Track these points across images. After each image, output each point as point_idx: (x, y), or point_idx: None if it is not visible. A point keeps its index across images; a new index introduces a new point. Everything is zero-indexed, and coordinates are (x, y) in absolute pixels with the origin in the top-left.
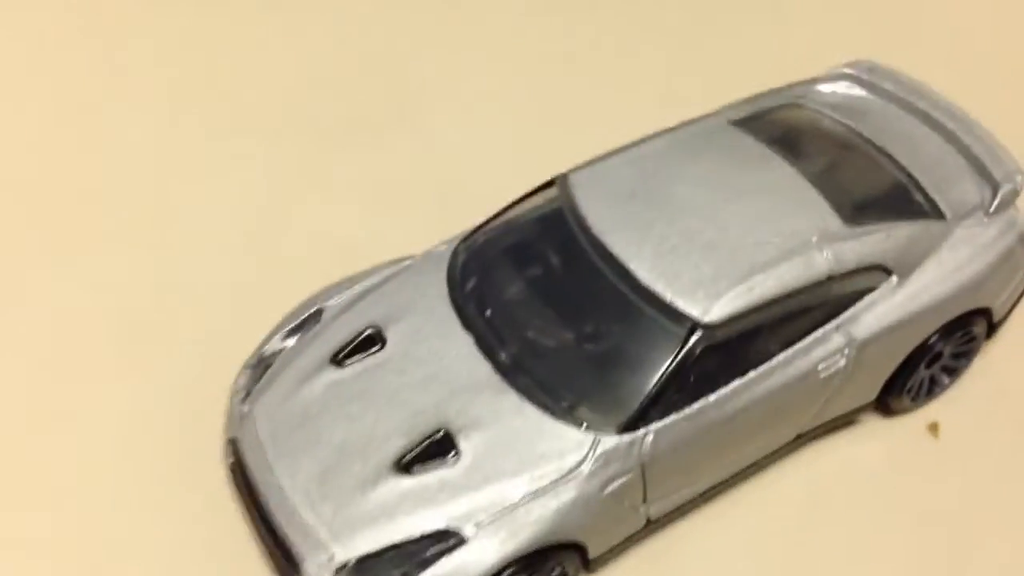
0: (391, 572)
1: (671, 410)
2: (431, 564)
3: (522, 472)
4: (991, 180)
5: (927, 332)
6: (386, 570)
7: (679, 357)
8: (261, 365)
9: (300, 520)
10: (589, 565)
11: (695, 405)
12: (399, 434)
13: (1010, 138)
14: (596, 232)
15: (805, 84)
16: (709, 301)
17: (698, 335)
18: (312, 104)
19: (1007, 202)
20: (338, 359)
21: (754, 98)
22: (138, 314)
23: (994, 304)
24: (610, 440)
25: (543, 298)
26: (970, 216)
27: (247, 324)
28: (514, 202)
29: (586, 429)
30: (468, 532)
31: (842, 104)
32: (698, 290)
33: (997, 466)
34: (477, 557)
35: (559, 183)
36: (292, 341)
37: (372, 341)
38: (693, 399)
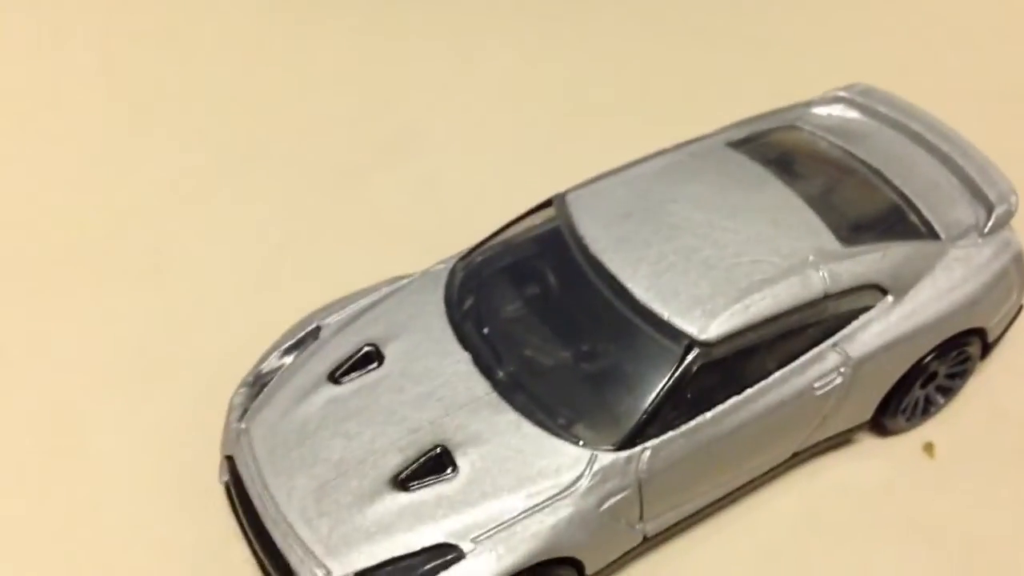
0: None
1: (668, 427)
2: None
3: (519, 488)
4: (985, 201)
5: (922, 352)
6: None
7: (676, 375)
8: (258, 383)
9: (297, 537)
10: None
11: (692, 422)
12: (396, 450)
13: (1004, 159)
14: (593, 251)
15: (801, 107)
16: (706, 319)
17: (695, 353)
18: (313, 137)
19: (1001, 223)
20: (336, 376)
21: (751, 120)
22: (139, 334)
23: (989, 324)
24: (607, 457)
25: (540, 316)
26: (965, 237)
27: (246, 343)
28: (512, 221)
29: (583, 446)
30: (466, 547)
31: (838, 126)
32: (695, 308)
33: (992, 486)
34: (474, 572)
35: (556, 203)
36: (290, 359)
37: (370, 358)
38: (690, 416)
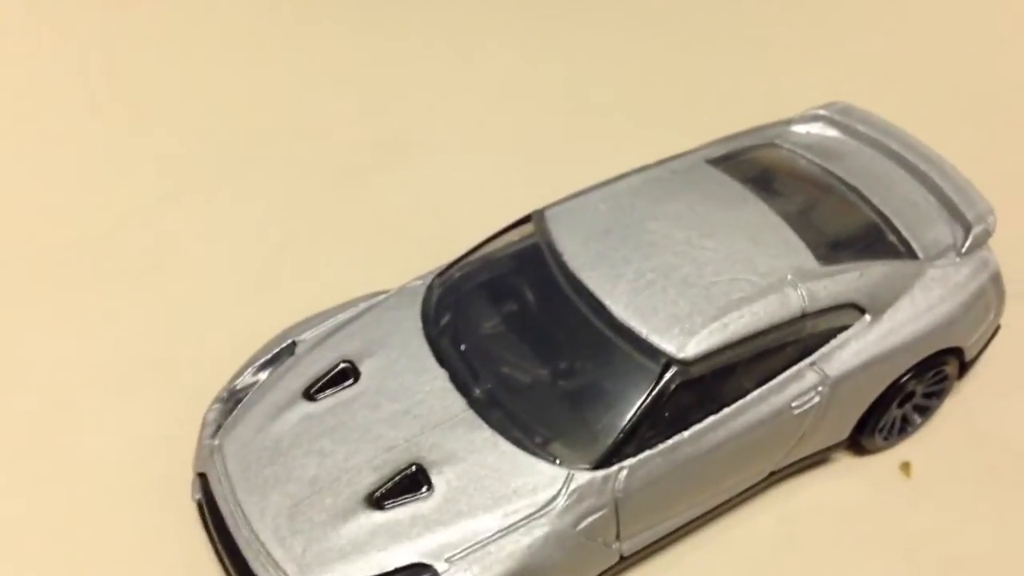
0: None
1: (645, 446)
2: None
3: (495, 507)
4: (963, 221)
5: (900, 371)
6: None
7: (654, 393)
8: (232, 399)
9: (269, 556)
10: None
11: (669, 441)
12: (371, 469)
13: (982, 179)
14: (572, 268)
15: (780, 125)
16: (684, 337)
17: (673, 371)
18: (312, 138)
19: (979, 242)
20: (311, 393)
21: (731, 137)
22: (116, 349)
23: (966, 344)
24: (584, 476)
25: (518, 333)
26: (943, 256)
27: (224, 357)
28: (490, 237)
29: (560, 464)
30: (440, 567)
31: (817, 145)
32: (673, 326)
33: (969, 505)
34: None
35: (535, 219)
36: (264, 375)
37: (345, 375)
38: (668, 435)
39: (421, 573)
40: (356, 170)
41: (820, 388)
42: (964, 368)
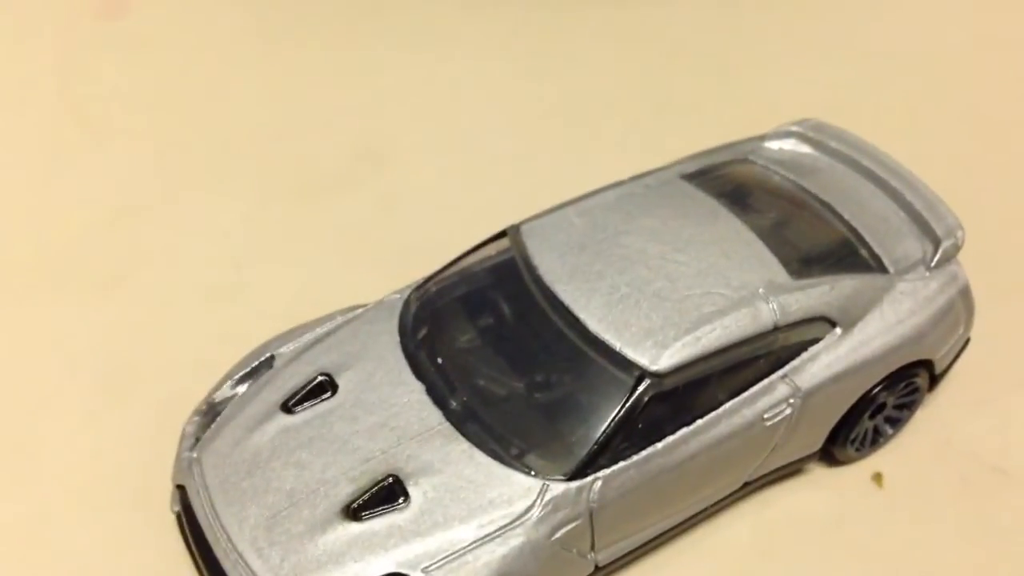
0: None
1: (619, 457)
2: None
3: (471, 518)
4: (932, 236)
5: (870, 383)
6: None
7: (627, 405)
8: (211, 412)
9: (247, 567)
10: None
11: (643, 452)
12: (348, 480)
13: (951, 195)
14: (547, 282)
15: (754, 141)
16: (657, 350)
17: (646, 384)
18: (278, 156)
19: (948, 257)
20: (289, 406)
21: (705, 153)
22: (94, 361)
23: (935, 356)
24: (559, 487)
25: (494, 347)
26: (912, 270)
27: (203, 371)
28: (466, 252)
29: (535, 476)
30: None
31: (789, 161)
32: (647, 339)
33: (940, 515)
34: None
35: (511, 234)
36: (243, 388)
37: (323, 388)
38: (641, 447)
39: None
40: (331, 183)
41: (792, 400)
42: (934, 380)
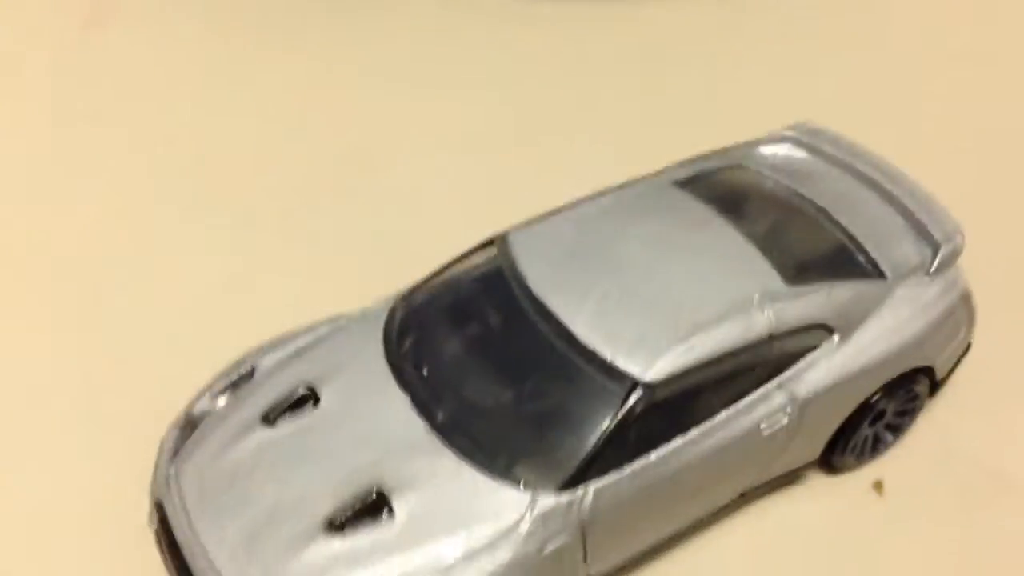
0: None
1: (611, 469)
2: None
3: (457, 532)
4: (931, 240)
5: (869, 390)
6: None
7: (619, 416)
8: (190, 425)
9: None
10: None
11: (636, 464)
12: (331, 494)
13: (950, 199)
14: (536, 291)
15: (747, 146)
16: (649, 360)
17: (638, 394)
18: (258, 169)
19: (947, 262)
20: (270, 418)
21: (697, 159)
22: (72, 375)
23: (936, 362)
24: (549, 499)
25: (481, 357)
26: (912, 276)
27: (184, 383)
28: (452, 261)
29: (524, 488)
30: None
31: (784, 166)
32: (638, 349)
33: (941, 523)
34: None
35: (498, 242)
36: (223, 400)
37: (305, 400)
38: (634, 458)
39: None
40: (316, 192)
41: (789, 409)
42: (935, 387)
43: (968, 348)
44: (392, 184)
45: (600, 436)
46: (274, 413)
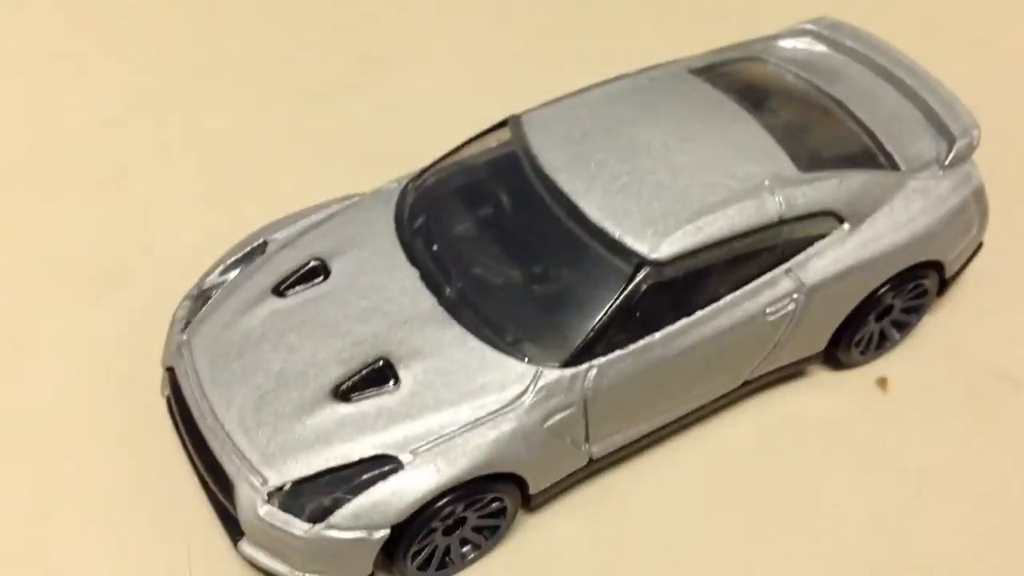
0: (325, 496)
1: (615, 346)
2: (366, 488)
3: (462, 402)
4: (948, 134)
5: (877, 282)
6: (321, 494)
7: (625, 293)
8: (202, 296)
9: (234, 446)
10: (530, 501)
11: (640, 342)
12: (338, 363)
13: (968, 95)
14: (547, 170)
15: (766, 40)
16: (657, 239)
17: (645, 272)
18: (274, 57)
19: (962, 156)
20: (280, 290)
21: (715, 52)
22: (84, 253)
23: (946, 258)
24: (552, 373)
25: (491, 235)
26: (925, 169)
27: (194, 257)
28: (466, 142)
29: (529, 362)
30: (405, 459)
31: (802, 60)
32: (647, 228)
33: (946, 422)
34: (413, 483)
35: (512, 123)
36: (235, 273)
37: (316, 273)
38: (638, 337)
39: (385, 464)
40: (328, 88)
41: (795, 295)
42: (944, 284)
43: (979, 247)
44: (405, 80)
45: (605, 313)
46: (285, 285)
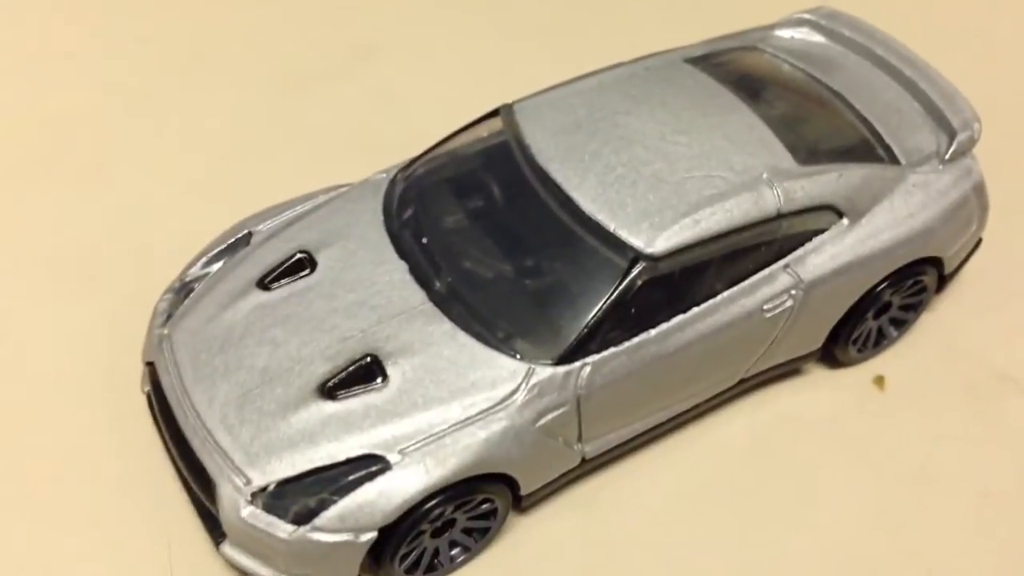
0: (311, 497)
1: (610, 343)
2: (352, 489)
3: (452, 400)
4: (948, 127)
5: (876, 278)
6: (306, 495)
7: (620, 288)
8: (184, 289)
9: (216, 444)
10: (521, 502)
11: (635, 339)
12: (325, 359)
13: (967, 86)
14: (540, 160)
15: (764, 29)
16: (653, 232)
17: (641, 266)
18: (265, 44)
19: (963, 150)
20: (265, 282)
21: (711, 41)
22: (66, 241)
23: (946, 254)
24: (545, 371)
25: (482, 227)
26: (925, 163)
27: (178, 249)
28: (457, 131)
29: (521, 359)
30: (392, 459)
31: (800, 49)
32: (642, 221)
33: (943, 420)
34: (401, 484)
35: (503, 112)
36: (218, 266)
37: (302, 265)
38: (633, 333)
39: (372, 464)
40: (322, 74)
41: (793, 291)
42: (943, 281)
43: (979, 243)
44: (400, 68)
45: (600, 309)
46: (270, 277)
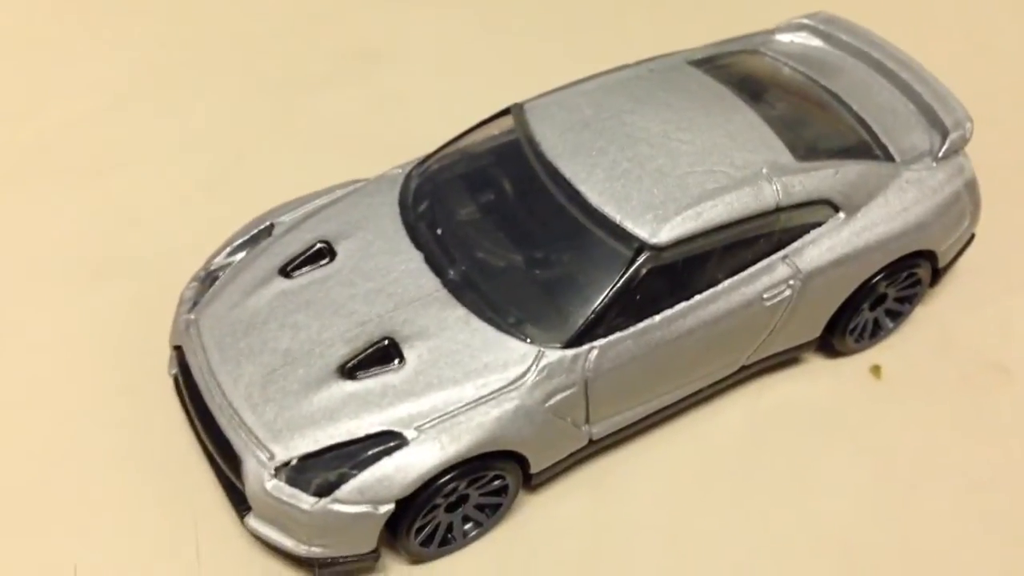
0: (331, 471)
1: (616, 328)
2: (371, 464)
3: (466, 381)
4: (941, 127)
5: (871, 270)
6: (327, 469)
7: (625, 276)
8: (209, 277)
9: (241, 421)
10: (531, 480)
11: (640, 325)
12: (344, 341)
13: (960, 88)
14: (549, 156)
15: (764, 33)
16: (657, 224)
17: (645, 256)
18: (271, 44)
19: (955, 148)
20: (287, 271)
21: (714, 45)
22: (94, 231)
23: (939, 248)
24: (554, 354)
25: (494, 219)
26: (919, 160)
27: (200, 241)
28: (469, 129)
29: (531, 343)
30: (409, 435)
31: (800, 53)
32: (647, 213)
33: (938, 409)
34: (417, 459)
35: (514, 111)
36: (242, 255)
37: (322, 255)
38: (638, 319)
39: (390, 440)
40: (326, 78)
41: (792, 281)
42: (937, 274)
43: (972, 239)
44: (403, 73)
45: (606, 296)
46: (291, 266)
